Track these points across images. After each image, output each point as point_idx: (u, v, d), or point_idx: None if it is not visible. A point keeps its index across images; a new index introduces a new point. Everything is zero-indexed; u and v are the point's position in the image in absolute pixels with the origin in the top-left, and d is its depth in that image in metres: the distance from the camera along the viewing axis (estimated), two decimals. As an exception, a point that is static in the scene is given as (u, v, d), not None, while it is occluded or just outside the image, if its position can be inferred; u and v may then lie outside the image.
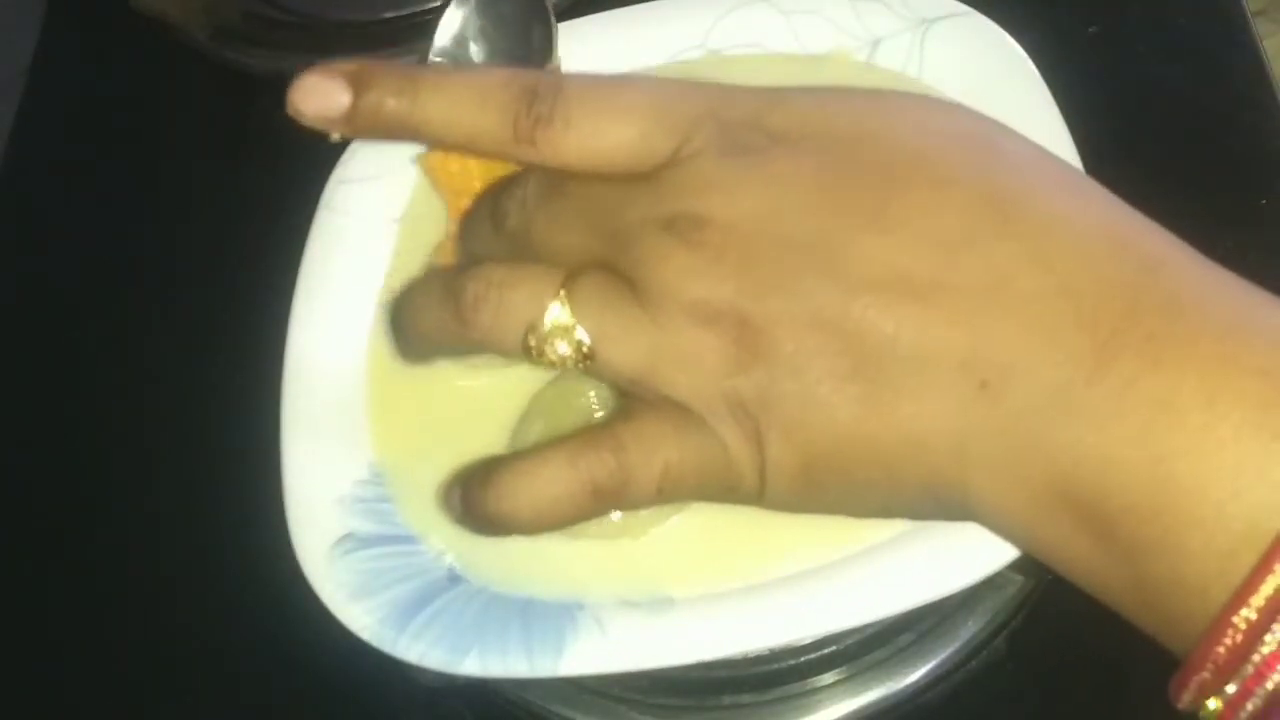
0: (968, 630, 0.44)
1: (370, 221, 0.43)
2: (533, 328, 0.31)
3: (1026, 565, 0.33)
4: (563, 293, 0.31)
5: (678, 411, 0.31)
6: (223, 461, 0.50)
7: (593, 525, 0.36)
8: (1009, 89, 0.41)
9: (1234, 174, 0.50)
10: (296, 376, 0.40)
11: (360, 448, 0.40)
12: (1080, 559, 0.29)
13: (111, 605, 0.51)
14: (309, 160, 0.44)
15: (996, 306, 0.28)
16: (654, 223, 0.30)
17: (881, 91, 0.33)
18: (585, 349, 0.31)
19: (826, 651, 0.43)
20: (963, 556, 0.34)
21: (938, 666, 0.43)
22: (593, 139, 0.32)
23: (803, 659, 0.43)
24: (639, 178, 0.31)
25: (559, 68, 0.40)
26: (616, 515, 0.36)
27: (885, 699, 0.43)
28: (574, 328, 0.31)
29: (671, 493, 0.32)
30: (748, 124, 0.31)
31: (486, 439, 0.39)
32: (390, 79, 0.33)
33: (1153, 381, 0.27)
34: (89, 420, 0.55)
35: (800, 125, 0.31)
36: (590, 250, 0.32)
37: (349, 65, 0.33)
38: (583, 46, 0.44)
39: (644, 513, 0.36)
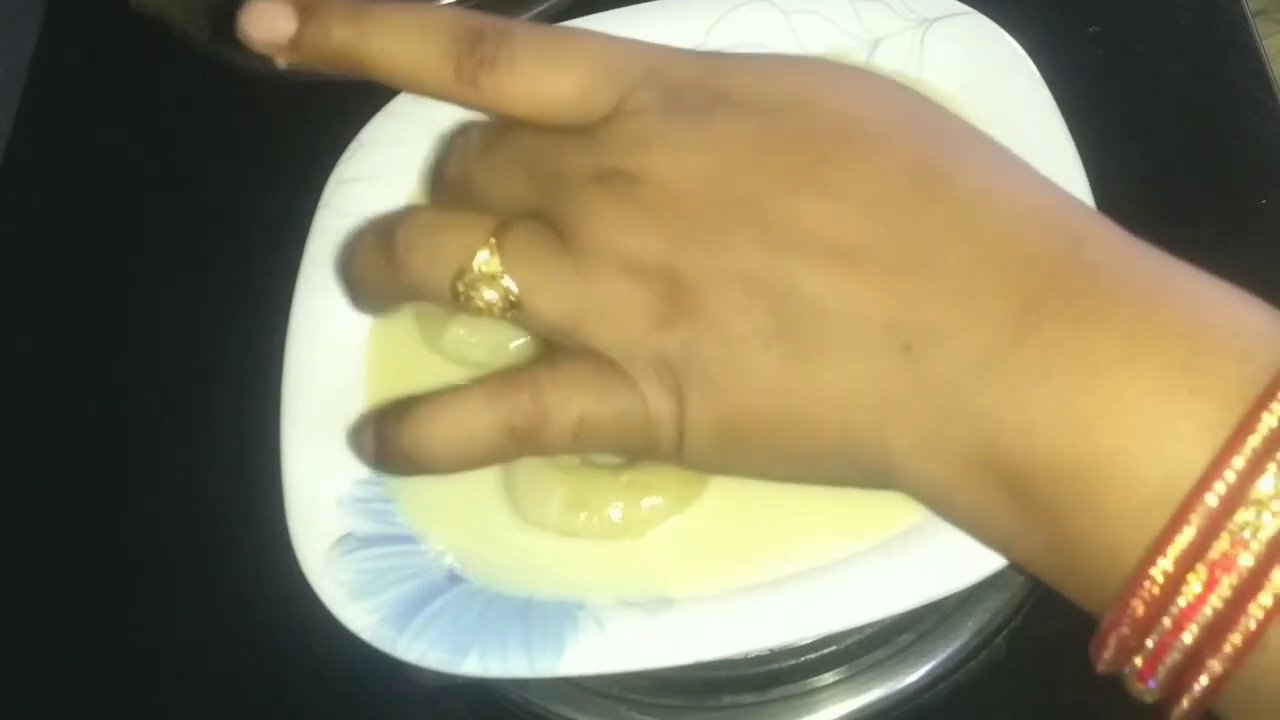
0: (968, 630, 0.44)
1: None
2: (461, 274, 0.31)
3: (1027, 565, 0.33)
4: (492, 240, 0.31)
5: (600, 363, 0.31)
6: (222, 461, 0.50)
7: (594, 526, 0.36)
8: (1009, 89, 0.41)
9: (1234, 174, 0.50)
10: (297, 376, 0.40)
11: (360, 448, 0.40)
12: (1001, 523, 0.29)
13: (110, 605, 0.51)
14: (309, 160, 0.44)
15: (922, 272, 0.29)
16: (588, 175, 0.31)
17: (822, 60, 0.34)
18: (512, 297, 0.31)
19: (826, 651, 0.43)
20: (963, 556, 0.34)
21: (938, 666, 0.43)
22: (535, 85, 0.32)
23: (803, 659, 0.43)
24: (579, 129, 0.32)
25: None
26: (616, 515, 0.36)
27: (885, 699, 0.43)
28: (501, 275, 0.31)
29: (589, 442, 0.32)
30: (691, 83, 0.31)
31: (486, 439, 0.39)
32: (337, 8, 0.33)
33: (1072, 344, 0.28)
34: (87, 420, 0.55)
35: (742, 87, 0.31)
36: (525, 200, 0.32)
37: None
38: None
39: (644, 513, 0.36)
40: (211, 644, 0.49)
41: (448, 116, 0.45)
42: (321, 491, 0.38)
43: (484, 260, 0.31)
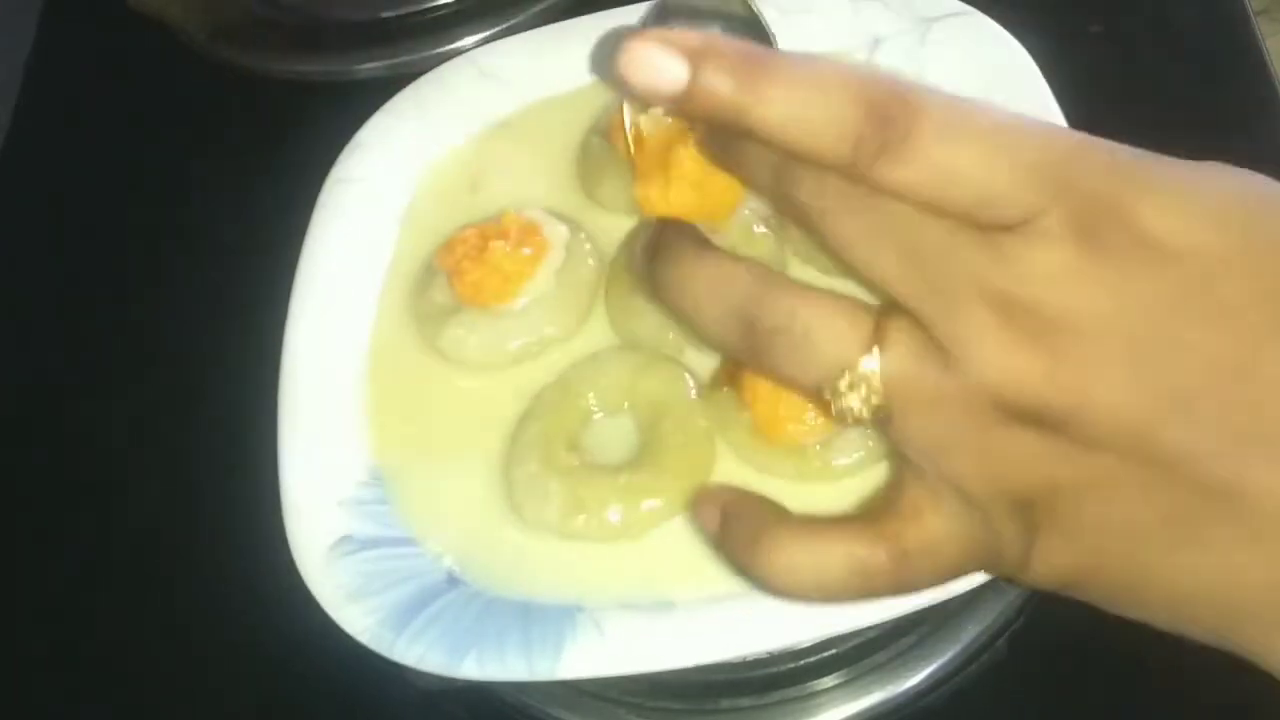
0: (969, 633, 0.44)
1: (368, 221, 0.43)
2: (830, 378, 0.29)
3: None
4: (875, 349, 0.29)
5: (961, 505, 0.29)
6: (220, 463, 0.50)
7: (592, 528, 0.36)
8: (1010, 88, 0.41)
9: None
10: (295, 377, 0.40)
11: (359, 449, 0.39)
12: None
13: (109, 606, 0.51)
14: (307, 160, 0.44)
15: None
16: (989, 296, 0.27)
17: (1265, 187, 0.28)
18: (883, 415, 0.29)
19: (827, 655, 0.43)
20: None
21: (939, 669, 0.43)
22: (938, 182, 0.28)
23: (803, 662, 0.43)
24: (972, 229, 0.28)
25: None
26: (615, 518, 0.36)
27: (886, 702, 0.43)
28: (878, 390, 0.29)
29: (936, 579, 0.30)
30: (1111, 212, 0.27)
31: (485, 440, 0.39)
32: (731, 63, 0.29)
33: None
34: (85, 420, 0.55)
35: (1172, 228, 0.27)
36: (897, 284, 0.29)
37: (688, 38, 0.29)
38: (584, 46, 0.44)
39: (643, 515, 0.36)
40: (209, 646, 0.49)
41: (445, 116, 0.45)
42: (320, 493, 0.38)
43: (865, 368, 0.28)
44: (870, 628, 0.40)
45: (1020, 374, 0.27)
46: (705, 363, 0.39)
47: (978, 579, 0.33)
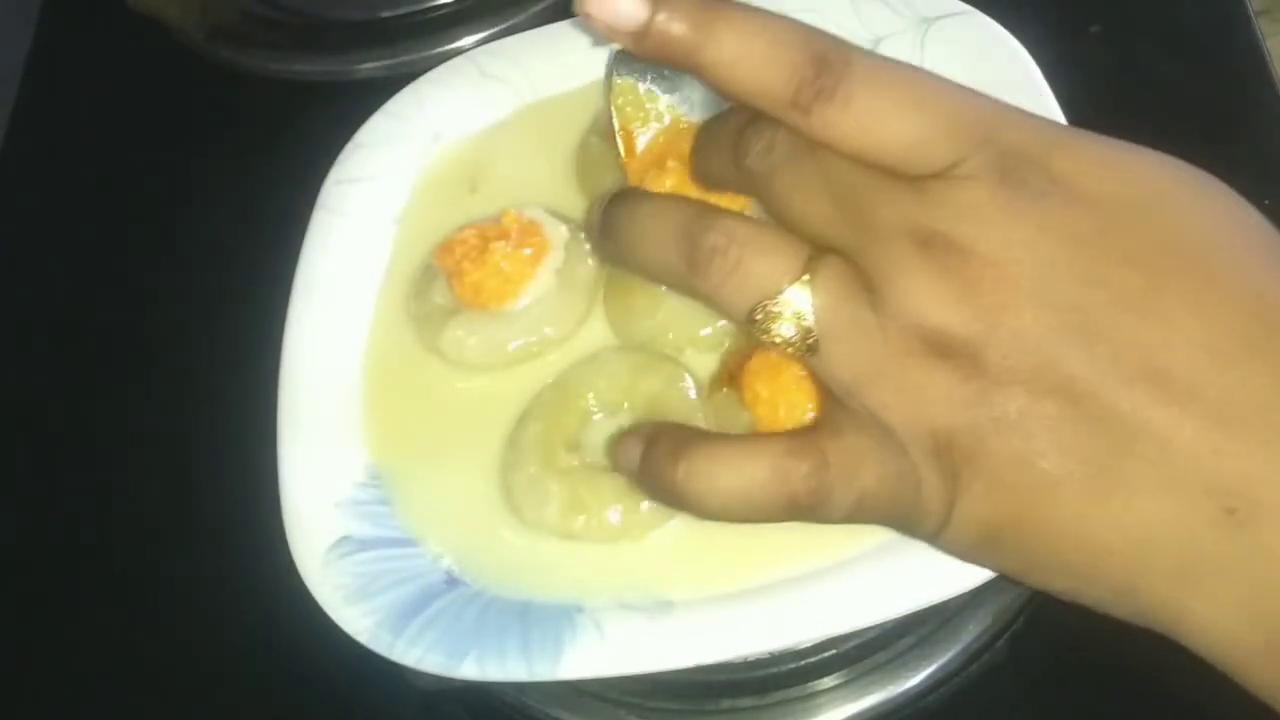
0: (969, 633, 0.44)
1: (367, 222, 0.43)
2: (764, 302, 0.30)
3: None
4: (806, 276, 0.30)
5: (882, 433, 0.30)
6: (219, 464, 0.50)
7: (592, 529, 0.36)
8: (1010, 88, 0.40)
9: (1237, 174, 0.49)
10: (293, 378, 0.40)
11: (357, 450, 0.39)
12: None
13: (108, 607, 0.51)
14: (305, 160, 0.44)
15: (1254, 433, 0.27)
16: (911, 232, 0.29)
17: (1167, 161, 0.31)
18: (810, 340, 0.30)
19: (827, 655, 0.43)
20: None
21: (939, 670, 0.43)
22: (868, 126, 0.30)
23: (803, 662, 0.43)
24: (901, 177, 0.30)
25: None
26: (615, 518, 0.36)
27: (886, 702, 0.43)
28: (806, 315, 0.30)
29: (859, 517, 0.31)
30: (1030, 159, 0.29)
31: (485, 441, 0.39)
32: (688, 5, 0.31)
33: None
34: (84, 420, 0.55)
35: (1083, 174, 0.29)
36: (830, 230, 0.31)
37: None
38: (583, 46, 0.44)
39: (643, 515, 0.36)
40: (207, 647, 0.49)
41: (445, 116, 0.45)
42: (318, 494, 0.38)
43: (793, 295, 0.30)
44: (870, 628, 0.40)
45: (936, 303, 0.29)
46: (705, 363, 0.39)
47: (977, 579, 0.33)
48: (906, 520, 0.31)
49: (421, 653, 0.35)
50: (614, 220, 0.34)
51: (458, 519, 0.38)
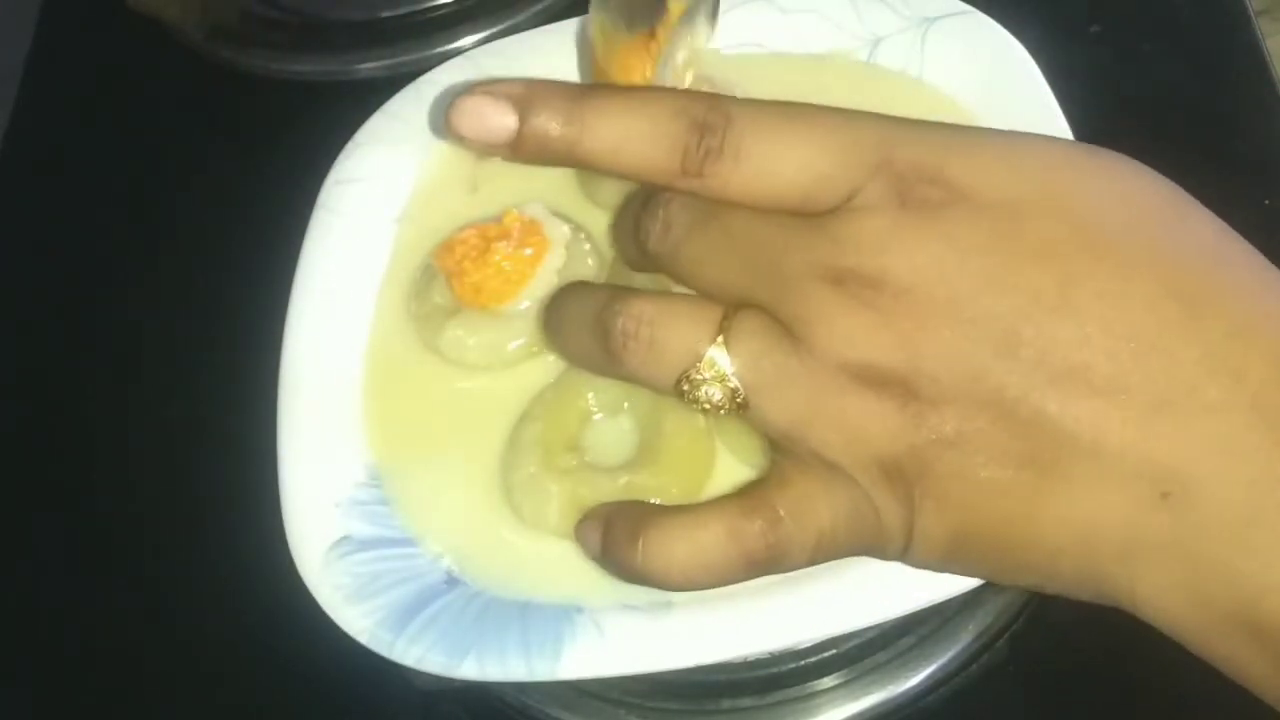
0: (969, 633, 0.44)
1: (367, 222, 0.43)
2: (686, 373, 0.30)
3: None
4: (720, 338, 0.30)
5: (829, 471, 0.30)
6: (219, 464, 0.50)
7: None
8: (1010, 88, 0.41)
9: (1237, 174, 0.50)
10: (294, 378, 0.40)
11: (357, 450, 0.39)
12: (1258, 678, 0.28)
13: (108, 607, 0.51)
14: (304, 160, 0.44)
15: (1181, 414, 0.27)
16: (819, 274, 0.29)
17: (1065, 146, 0.31)
18: (739, 399, 0.30)
19: (827, 655, 0.43)
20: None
21: (939, 669, 0.43)
22: (763, 177, 0.30)
23: (803, 662, 0.43)
24: (802, 220, 0.30)
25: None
26: (615, 518, 0.36)
27: (886, 702, 0.43)
28: (729, 377, 0.30)
29: (823, 556, 0.31)
30: (926, 174, 0.29)
31: (485, 441, 0.39)
32: (556, 102, 0.31)
33: None
34: (83, 420, 0.55)
35: (983, 181, 0.29)
36: (744, 290, 0.31)
37: (512, 87, 0.32)
38: (583, 46, 0.44)
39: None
40: (207, 646, 0.49)
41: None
42: (318, 494, 0.38)
43: (712, 358, 0.30)
44: (870, 628, 0.40)
45: (857, 338, 0.29)
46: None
47: (976, 579, 0.33)
48: (872, 547, 0.31)
49: (421, 653, 0.35)
50: (545, 318, 0.35)
51: (458, 519, 0.38)
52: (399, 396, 0.40)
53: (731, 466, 0.37)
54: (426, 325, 0.41)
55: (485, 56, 0.46)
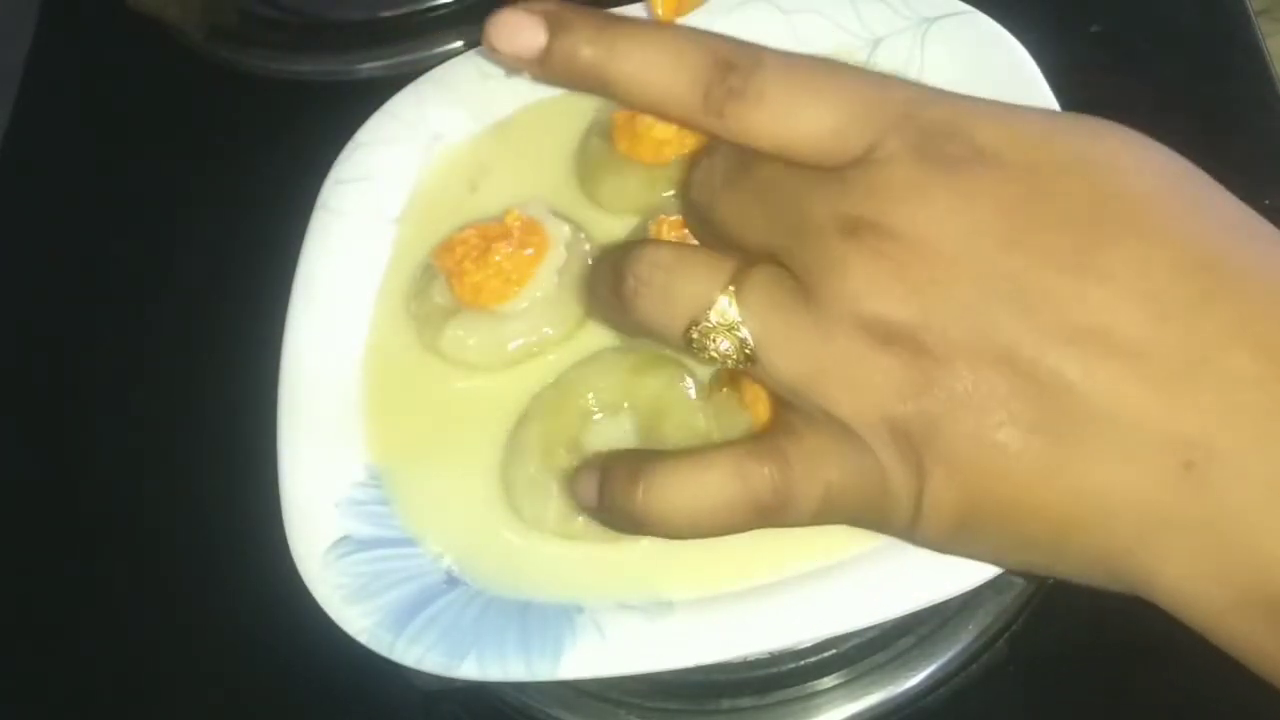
0: (969, 633, 0.44)
1: (367, 222, 0.43)
2: (696, 322, 0.30)
3: (1029, 568, 0.33)
4: (731, 288, 0.30)
5: (838, 429, 0.29)
6: (219, 464, 0.50)
7: (592, 529, 0.36)
8: (1010, 88, 0.41)
9: (1237, 174, 0.49)
10: (293, 378, 0.40)
11: (357, 450, 0.39)
12: (1272, 657, 0.27)
13: (108, 607, 0.51)
14: (305, 160, 0.44)
15: (1205, 383, 0.26)
16: (836, 224, 0.29)
17: (1089, 120, 0.30)
18: (748, 350, 0.30)
19: (827, 655, 0.43)
20: (965, 560, 0.33)
21: (939, 670, 0.43)
22: (784, 121, 0.30)
23: (803, 662, 0.43)
24: (826, 171, 0.30)
25: None
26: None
27: (886, 702, 0.43)
28: (738, 327, 0.30)
29: (828, 515, 0.30)
30: (949, 131, 0.29)
31: (485, 441, 0.39)
32: (588, 25, 0.31)
33: None
34: (84, 421, 0.55)
35: (1006, 142, 0.29)
36: (766, 240, 0.30)
37: (547, 5, 0.32)
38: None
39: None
40: (207, 647, 0.49)
41: (445, 116, 0.45)
42: (319, 494, 0.38)
43: (722, 308, 0.30)
44: (870, 628, 0.40)
45: (869, 290, 0.28)
46: (705, 363, 0.38)
47: (977, 579, 0.33)
48: (879, 514, 0.30)
49: (421, 653, 0.35)
50: (585, 292, 0.36)
51: (458, 519, 0.38)
52: (399, 396, 0.40)
53: (731, 466, 0.37)
54: (426, 325, 0.41)
55: (485, 56, 0.46)
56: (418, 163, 0.44)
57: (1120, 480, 0.27)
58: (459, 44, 0.57)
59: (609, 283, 0.32)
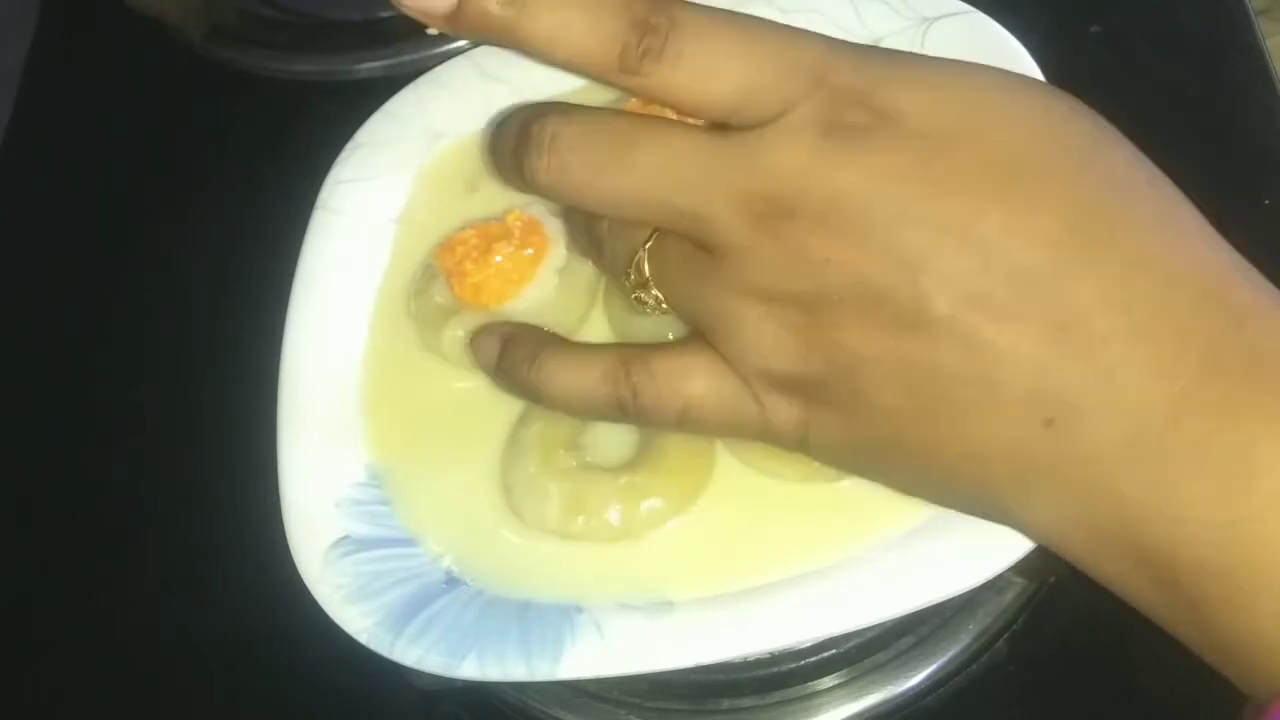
0: (969, 633, 0.44)
1: (367, 222, 0.43)
2: (627, 277, 0.34)
3: (1028, 568, 0.33)
4: (641, 253, 0.33)
5: (720, 363, 0.32)
6: (219, 464, 0.50)
7: (592, 529, 0.36)
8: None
9: (1237, 174, 0.50)
10: (293, 378, 0.40)
11: (357, 450, 0.39)
12: (1143, 598, 0.29)
13: (108, 607, 0.51)
14: (305, 160, 0.44)
15: (1070, 345, 0.28)
16: (737, 200, 0.30)
17: (1003, 78, 0.31)
18: (663, 306, 0.34)
19: (827, 655, 0.43)
20: (964, 559, 0.33)
21: (939, 670, 0.43)
22: (698, 82, 0.31)
23: (803, 662, 0.43)
24: (726, 139, 0.31)
25: None
26: (615, 518, 0.36)
27: (886, 702, 0.43)
28: (650, 285, 0.33)
29: (690, 427, 0.33)
30: (857, 98, 0.30)
31: (484, 441, 0.39)
32: None
33: (1228, 441, 0.27)
34: (84, 421, 0.55)
35: (912, 107, 0.30)
36: (667, 206, 0.32)
37: None
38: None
39: (643, 515, 0.36)
40: (207, 647, 0.49)
41: (445, 116, 0.45)
42: (318, 494, 0.38)
43: (637, 271, 0.34)
44: (870, 628, 0.40)
45: (766, 263, 0.30)
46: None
47: (976, 580, 0.33)
48: (758, 435, 0.33)
49: (421, 653, 0.35)
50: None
51: (458, 519, 0.38)
52: (399, 396, 0.40)
53: (731, 466, 0.37)
54: (426, 325, 0.40)
55: (485, 56, 0.46)
56: (418, 163, 0.44)
57: (993, 433, 0.29)
58: (459, 44, 0.57)
59: (585, 236, 0.36)
